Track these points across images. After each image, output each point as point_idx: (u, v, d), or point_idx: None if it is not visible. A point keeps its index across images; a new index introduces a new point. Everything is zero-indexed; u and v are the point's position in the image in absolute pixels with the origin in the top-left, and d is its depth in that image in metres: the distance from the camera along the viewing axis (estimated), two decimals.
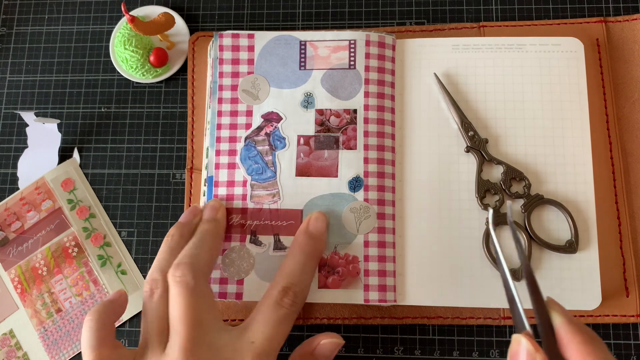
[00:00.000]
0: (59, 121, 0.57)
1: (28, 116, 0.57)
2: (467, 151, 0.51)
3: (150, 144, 0.57)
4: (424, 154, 0.52)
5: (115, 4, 0.60)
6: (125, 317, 0.53)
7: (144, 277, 0.54)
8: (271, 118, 0.52)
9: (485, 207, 0.50)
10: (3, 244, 0.55)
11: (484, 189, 0.50)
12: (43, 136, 0.57)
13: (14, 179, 0.57)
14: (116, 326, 0.53)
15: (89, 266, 0.54)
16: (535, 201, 0.50)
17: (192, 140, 0.55)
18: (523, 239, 0.49)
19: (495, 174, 0.51)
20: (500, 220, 0.49)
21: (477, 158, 0.51)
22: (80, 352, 0.53)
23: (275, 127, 0.52)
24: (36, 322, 0.53)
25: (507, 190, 0.50)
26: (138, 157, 0.57)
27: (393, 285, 0.49)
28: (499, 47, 0.53)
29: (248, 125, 0.52)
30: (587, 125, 0.51)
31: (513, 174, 0.50)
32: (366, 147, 0.51)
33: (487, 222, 0.50)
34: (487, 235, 0.49)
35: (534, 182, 0.50)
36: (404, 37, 0.55)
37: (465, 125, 0.51)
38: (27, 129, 0.58)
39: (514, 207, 0.50)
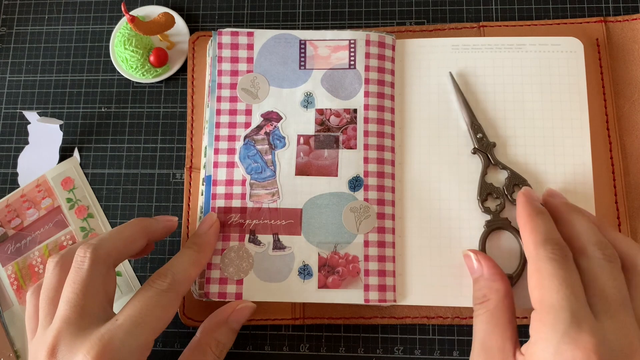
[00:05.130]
0: (61, 122, 0.57)
1: (31, 115, 0.57)
2: (474, 153, 0.51)
3: (150, 144, 0.57)
4: (424, 155, 0.52)
5: (115, 4, 0.60)
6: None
7: (139, 277, 0.54)
8: (271, 117, 0.52)
9: (486, 210, 0.50)
10: (2, 240, 0.55)
11: (486, 192, 0.50)
12: (44, 134, 0.57)
13: (14, 179, 0.57)
14: None
15: None
16: None
17: (191, 140, 0.55)
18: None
19: (499, 178, 0.51)
20: (499, 224, 0.49)
21: (482, 160, 0.51)
22: None
23: (275, 126, 0.52)
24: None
25: (509, 196, 0.50)
26: (138, 157, 0.56)
27: (393, 285, 0.49)
28: (499, 47, 0.53)
29: (247, 124, 0.52)
30: (587, 125, 0.51)
31: (517, 180, 0.50)
32: (366, 147, 0.51)
33: (486, 225, 0.50)
34: (483, 241, 0.49)
35: (533, 184, 0.50)
36: (404, 37, 0.55)
37: (475, 126, 0.51)
38: (29, 127, 0.58)
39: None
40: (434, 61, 0.54)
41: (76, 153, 0.57)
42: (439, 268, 0.50)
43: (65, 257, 0.44)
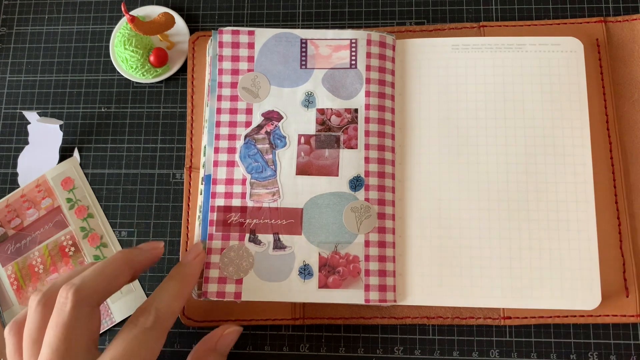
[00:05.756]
0: (61, 122, 0.57)
1: (31, 115, 0.57)
2: None
3: (150, 144, 0.57)
4: (424, 155, 0.52)
5: (115, 4, 0.60)
6: (118, 318, 0.53)
7: (139, 278, 0.54)
8: (272, 117, 0.52)
9: None
10: (2, 240, 0.55)
11: None
12: (44, 134, 0.57)
13: (14, 179, 0.57)
14: (111, 326, 0.53)
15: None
16: None
17: (191, 139, 0.55)
18: None
19: None
20: None
21: None
22: None
23: (276, 125, 0.52)
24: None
25: None
26: (138, 157, 0.56)
27: (393, 285, 0.49)
28: (499, 47, 0.53)
29: (248, 124, 0.52)
30: (587, 125, 0.51)
31: None
32: (367, 147, 0.51)
33: None
34: None
35: (533, 184, 0.50)
36: (404, 37, 0.55)
37: None
38: (29, 127, 0.58)
39: None
40: (434, 61, 0.54)
41: (76, 153, 0.57)
42: (439, 268, 0.50)
43: (48, 295, 0.42)
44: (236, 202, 0.51)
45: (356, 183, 0.50)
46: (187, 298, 0.47)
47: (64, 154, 0.57)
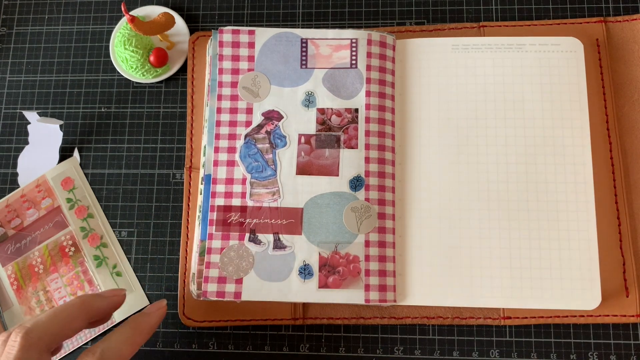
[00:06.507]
0: (61, 122, 0.57)
1: (31, 115, 0.57)
2: None
3: (150, 144, 0.57)
4: (424, 155, 0.52)
5: (115, 4, 0.60)
6: (118, 319, 0.53)
7: (139, 278, 0.54)
8: (272, 116, 0.52)
9: None
10: (2, 240, 0.55)
11: None
12: (44, 134, 0.57)
13: (14, 179, 0.57)
14: (111, 326, 0.53)
15: (84, 266, 0.54)
16: None
17: (191, 139, 0.55)
18: None
19: None
20: None
21: None
22: (71, 352, 0.52)
23: (276, 125, 0.52)
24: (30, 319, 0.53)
25: None
26: (138, 157, 0.56)
27: (393, 285, 0.49)
28: (499, 47, 0.53)
29: (248, 123, 0.52)
30: (587, 125, 0.51)
31: None
32: (367, 147, 0.51)
33: None
34: None
35: (533, 184, 0.50)
36: (404, 37, 0.55)
37: None
38: (29, 127, 0.58)
39: None
40: (434, 61, 0.54)
41: (76, 153, 0.57)
42: (438, 268, 0.50)
43: (6, 336, 0.41)
44: (236, 201, 0.51)
45: (356, 183, 0.50)
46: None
47: (64, 154, 0.57)
